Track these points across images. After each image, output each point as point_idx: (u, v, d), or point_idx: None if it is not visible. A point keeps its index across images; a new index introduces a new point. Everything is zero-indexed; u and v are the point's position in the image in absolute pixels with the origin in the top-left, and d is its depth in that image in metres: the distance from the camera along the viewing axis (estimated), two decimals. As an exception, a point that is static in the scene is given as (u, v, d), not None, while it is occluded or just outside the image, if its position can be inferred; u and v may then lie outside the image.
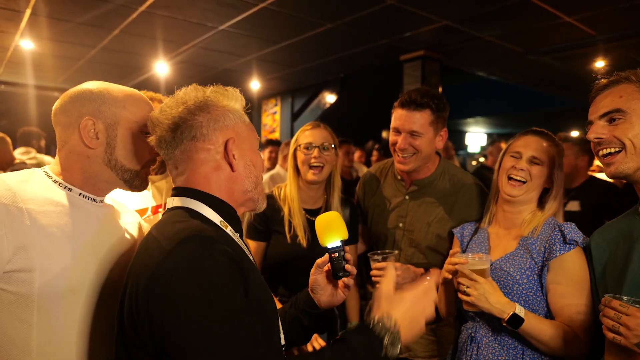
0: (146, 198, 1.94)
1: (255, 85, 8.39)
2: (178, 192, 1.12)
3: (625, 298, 1.18)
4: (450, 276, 1.51)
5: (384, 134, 7.90)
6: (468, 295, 1.44)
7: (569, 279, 1.46)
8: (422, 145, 1.90)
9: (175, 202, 1.11)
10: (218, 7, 4.65)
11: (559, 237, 1.49)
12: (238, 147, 1.12)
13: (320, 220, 1.36)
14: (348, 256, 1.33)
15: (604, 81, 1.35)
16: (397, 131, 1.94)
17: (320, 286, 1.35)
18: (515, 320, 1.41)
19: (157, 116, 1.10)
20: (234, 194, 1.14)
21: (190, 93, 1.11)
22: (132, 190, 1.30)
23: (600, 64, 6.42)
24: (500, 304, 1.42)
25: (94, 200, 1.23)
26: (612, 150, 1.29)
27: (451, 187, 2.00)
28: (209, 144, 1.09)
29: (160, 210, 1.94)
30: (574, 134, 13.32)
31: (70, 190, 1.19)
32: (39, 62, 6.86)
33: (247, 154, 1.15)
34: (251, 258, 1.12)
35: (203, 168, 1.10)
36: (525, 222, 1.62)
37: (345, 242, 1.36)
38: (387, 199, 2.12)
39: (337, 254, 1.30)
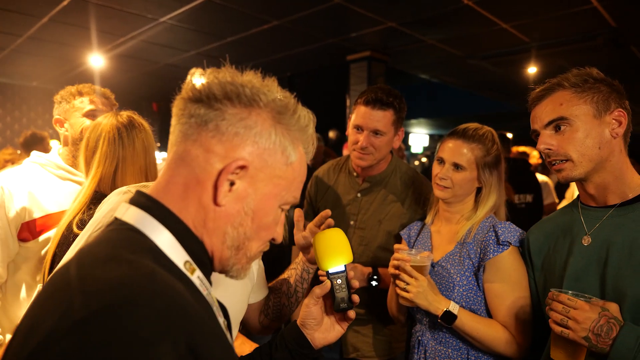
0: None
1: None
2: (139, 200, 0.73)
3: (570, 292, 1.19)
4: (397, 272, 1.50)
5: (331, 134, 7.93)
6: (407, 292, 1.46)
7: (503, 280, 1.48)
8: (382, 144, 1.90)
9: (127, 214, 0.72)
10: (159, -3, 4.44)
11: (492, 238, 1.51)
12: (249, 179, 0.74)
13: (321, 239, 1.14)
14: (355, 283, 1.12)
15: (538, 90, 1.37)
16: (360, 129, 1.90)
17: (315, 320, 1.10)
18: (448, 316, 1.44)
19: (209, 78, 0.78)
20: (209, 236, 0.75)
21: (250, 75, 0.78)
22: None
23: (532, 69, 6.80)
24: (436, 302, 1.45)
25: None
26: (560, 159, 1.32)
27: (402, 184, 1.99)
28: (217, 146, 0.72)
29: None
30: (510, 136, 14.08)
31: None
32: (-44, 50, 6.26)
33: (254, 197, 0.75)
34: (221, 321, 0.74)
35: (185, 173, 0.73)
36: (460, 223, 1.62)
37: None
38: (340, 196, 2.08)
39: (341, 281, 1.10)
